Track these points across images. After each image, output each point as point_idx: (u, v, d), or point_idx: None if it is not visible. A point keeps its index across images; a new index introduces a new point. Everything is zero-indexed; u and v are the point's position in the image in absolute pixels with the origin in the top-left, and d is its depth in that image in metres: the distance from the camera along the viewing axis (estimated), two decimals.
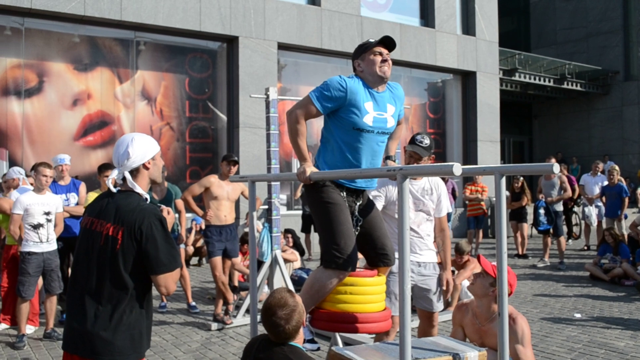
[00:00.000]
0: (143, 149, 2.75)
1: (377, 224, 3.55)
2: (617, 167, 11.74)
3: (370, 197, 3.89)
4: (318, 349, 3.44)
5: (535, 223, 10.76)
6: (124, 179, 2.76)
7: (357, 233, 3.45)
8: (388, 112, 3.47)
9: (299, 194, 11.74)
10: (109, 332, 2.60)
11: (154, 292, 3.00)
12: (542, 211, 10.46)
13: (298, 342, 2.89)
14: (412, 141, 4.25)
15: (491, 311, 3.70)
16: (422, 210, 4.34)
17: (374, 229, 3.52)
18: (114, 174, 2.75)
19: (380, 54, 3.40)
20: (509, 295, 3.44)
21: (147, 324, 2.75)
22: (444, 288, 4.45)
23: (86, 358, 2.62)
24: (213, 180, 6.75)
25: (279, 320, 2.79)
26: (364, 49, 3.44)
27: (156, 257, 2.63)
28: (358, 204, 3.49)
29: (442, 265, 4.52)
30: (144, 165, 2.76)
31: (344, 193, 3.44)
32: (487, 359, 3.69)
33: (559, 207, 10.51)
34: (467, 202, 12.10)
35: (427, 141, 4.22)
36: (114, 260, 2.62)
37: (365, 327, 3.30)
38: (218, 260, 6.62)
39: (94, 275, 2.66)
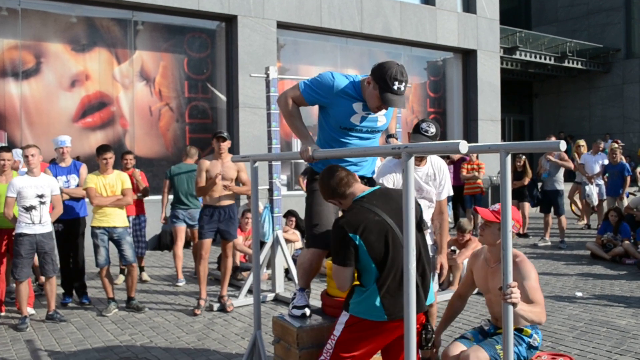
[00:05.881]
0: None
1: None
2: (616, 145, 11.75)
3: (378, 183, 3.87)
4: (303, 315, 3.51)
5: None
6: None
7: None
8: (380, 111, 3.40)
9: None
10: None
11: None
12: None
13: None
14: (417, 129, 4.05)
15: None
16: (425, 197, 4.28)
17: None
18: None
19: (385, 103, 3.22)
20: (517, 230, 3.67)
21: None
22: (438, 271, 4.41)
23: None
24: (207, 163, 6.67)
25: None
26: (380, 84, 3.16)
27: None
28: None
29: (437, 247, 4.47)
30: None
31: None
32: (491, 303, 3.79)
33: (560, 186, 10.48)
34: (464, 181, 12.03)
35: (432, 130, 4.02)
36: None
37: None
38: (207, 242, 6.50)
39: None
